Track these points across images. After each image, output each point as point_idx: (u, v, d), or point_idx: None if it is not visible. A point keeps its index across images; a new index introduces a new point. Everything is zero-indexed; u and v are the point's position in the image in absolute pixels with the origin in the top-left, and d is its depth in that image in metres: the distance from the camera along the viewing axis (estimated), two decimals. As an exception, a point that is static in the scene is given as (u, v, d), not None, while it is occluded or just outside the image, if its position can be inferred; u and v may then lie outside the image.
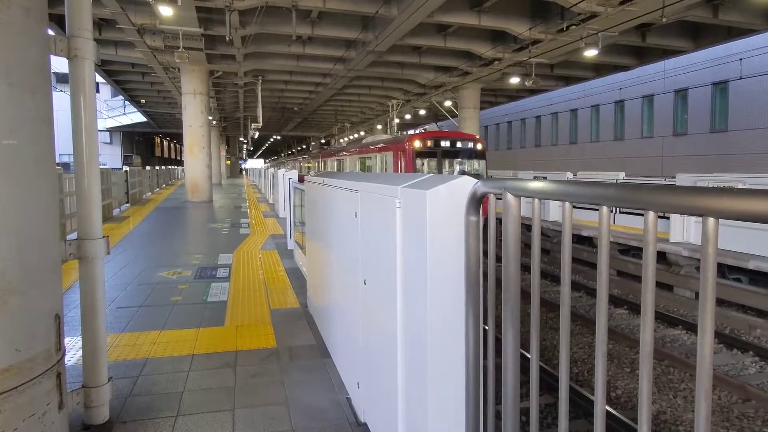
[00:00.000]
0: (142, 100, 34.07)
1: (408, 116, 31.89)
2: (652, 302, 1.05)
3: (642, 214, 1.07)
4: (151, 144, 62.74)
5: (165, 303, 5.16)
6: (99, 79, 26.81)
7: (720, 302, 7.96)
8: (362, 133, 42.73)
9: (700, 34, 16.30)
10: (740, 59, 19.31)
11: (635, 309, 8.54)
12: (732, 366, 6.31)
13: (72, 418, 2.56)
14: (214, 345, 3.95)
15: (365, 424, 2.69)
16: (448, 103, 24.73)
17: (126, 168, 18.68)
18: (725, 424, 4.99)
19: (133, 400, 3.01)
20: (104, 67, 22.85)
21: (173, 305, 5.08)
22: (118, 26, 14.67)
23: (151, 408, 2.91)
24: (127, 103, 40.42)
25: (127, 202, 16.14)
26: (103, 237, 2.66)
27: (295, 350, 3.84)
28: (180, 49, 14.91)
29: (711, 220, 0.90)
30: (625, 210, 11.47)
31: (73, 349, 3.75)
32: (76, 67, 2.53)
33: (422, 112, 30.31)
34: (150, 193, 22.00)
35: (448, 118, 26.73)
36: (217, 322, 4.54)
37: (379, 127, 37.33)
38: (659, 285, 8.97)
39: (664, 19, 12.39)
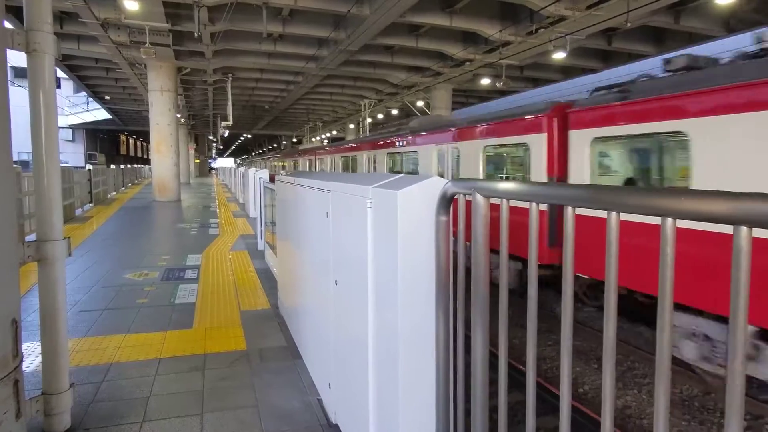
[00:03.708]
0: (107, 97, 33.11)
1: (380, 116, 31.93)
2: (614, 300, 1.08)
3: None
4: (116, 142, 60.98)
5: (130, 306, 5.02)
6: (60, 74, 25.93)
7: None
8: (334, 132, 42.56)
9: (663, 39, 16.85)
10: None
11: (602, 307, 8.71)
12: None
13: (31, 427, 2.47)
14: (182, 348, 3.86)
15: (336, 426, 2.68)
16: (420, 104, 24.87)
17: (89, 166, 18.11)
18: (686, 417, 5.17)
19: (96, 406, 2.91)
20: (66, 62, 22.11)
21: (139, 308, 4.94)
22: (80, 20, 14.20)
23: (115, 414, 2.82)
24: (90, 99, 39.18)
25: (90, 202, 15.65)
26: (64, 238, 2.57)
27: (265, 352, 3.79)
28: (146, 45, 14.54)
29: (669, 221, 0.93)
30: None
31: (32, 355, 3.61)
32: (35, 61, 2.43)
33: (395, 111, 30.39)
34: (115, 193, 21.37)
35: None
36: (185, 324, 4.45)
37: (352, 126, 37.24)
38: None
39: (629, 24, 12.76)
